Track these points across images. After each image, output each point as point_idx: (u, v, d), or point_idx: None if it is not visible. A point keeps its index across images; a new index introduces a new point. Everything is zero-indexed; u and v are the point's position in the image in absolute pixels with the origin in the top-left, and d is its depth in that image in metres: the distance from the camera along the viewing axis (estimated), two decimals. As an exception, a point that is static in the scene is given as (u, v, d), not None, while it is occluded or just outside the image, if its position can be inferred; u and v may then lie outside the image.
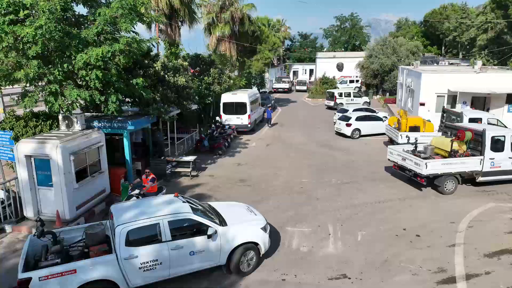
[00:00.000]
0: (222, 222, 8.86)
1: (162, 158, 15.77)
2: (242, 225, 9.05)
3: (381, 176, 15.92)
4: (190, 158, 16.51)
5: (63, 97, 11.56)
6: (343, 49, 73.51)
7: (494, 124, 18.26)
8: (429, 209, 12.61)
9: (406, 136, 17.49)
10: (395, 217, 12.02)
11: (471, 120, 17.93)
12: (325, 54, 63.71)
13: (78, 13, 12.66)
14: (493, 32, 42.52)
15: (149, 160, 15.57)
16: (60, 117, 12.30)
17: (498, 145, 14.10)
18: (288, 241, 10.50)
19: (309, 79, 62.48)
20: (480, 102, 24.12)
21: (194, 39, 38.44)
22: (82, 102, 13.23)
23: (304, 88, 51.65)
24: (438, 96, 23.77)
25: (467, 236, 10.66)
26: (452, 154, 14.36)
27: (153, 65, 15.20)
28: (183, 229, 8.35)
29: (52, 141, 10.72)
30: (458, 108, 22.83)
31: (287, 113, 34.13)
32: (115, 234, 7.64)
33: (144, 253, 7.75)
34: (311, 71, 65.32)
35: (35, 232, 7.73)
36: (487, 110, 22.88)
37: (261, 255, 9.18)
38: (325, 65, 56.85)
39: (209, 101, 23.24)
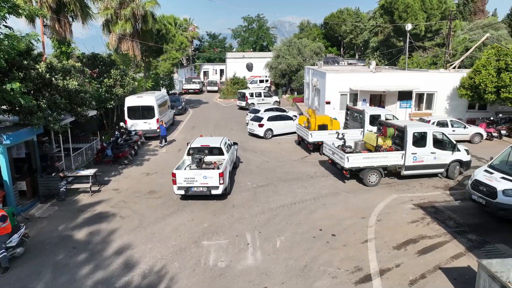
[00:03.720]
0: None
1: (54, 174, 13.58)
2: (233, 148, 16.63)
3: (295, 176, 16.02)
4: (90, 171, 14.59)
5: None
6: (251, 50, 74.82)
7: (390, 119, 19.86)
8: (341, 206, 12.94)
9: (336, 133, 17.99)
10: (311, 217, 12.03)
11: (372, 116, 19.23)
12: (235, 54, 64.03)
13: None
14: (382, 36, 47.19)
15: (37, 178, 13.25)
16: None
17: (420, 140, 14.87)
18: (204, 257, 9.67)
19: (220, 79, 62.13)
20: (377, 99, 26.24)
21: (93, 38, 34.91)
22: None
23: (215, 88, 51.07)
24: (341, 94, 25.17)
25: (377, 230, 11.10)
26: (377, 149, 15.10)
27: (35, 66, 12.91)
28: None
29: None
30: (359, 105, 24.52)
31: (199, 114, 33.11)
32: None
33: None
34: (222, 71, 65.08)
35: None
36: (383, 107, 24.98)
37: None
38: (235, 65, 57.09)
39: (111, 106, 21.09)
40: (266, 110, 25.75)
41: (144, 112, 22.52)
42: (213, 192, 12.92)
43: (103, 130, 22.63)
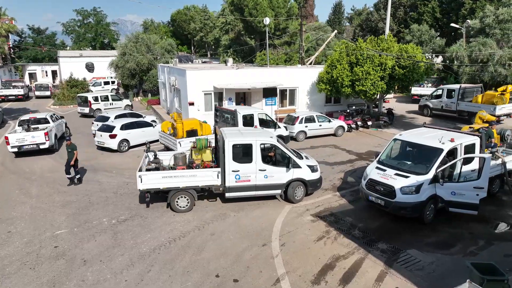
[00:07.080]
0: None
1: None
2: None
3: (168, 199, 12.61)
4: None
5: None
6: (90, 48, 65.41)
7: (263, 119, 18.35)
8: (234, 233, 10.29)
9: (146, 141, 14.36)
10: (201, 259, 8.98)
11: (245, 117, 17.30)
12: (70, 53, 54.53)
13: None
14: (233, 33, 46.89)
15: None
16: None
17: (244, 154, 11.52)
18: None
19: (53, 82, 51.92)
20: (240, 97, 24.70)
21: None
22: None
23: (47, 93, 41.74)
24: (205, 94, 22.58)
25: (286, 260, 8.87)
26: (190, 165, 12.21)
27: None
28: None
29: None
30: (225, 105, 22.45)
31: (25, 128, 25.48)
32: None
33: None
34: (54, 72, 54.60)
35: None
36: (244, 104, 23.51)
37: None
38: (71, 65, 48.39)
39: None
40: (117, 117, 21.11)
41: None
42: (41, 147, 17.33)
43: None
